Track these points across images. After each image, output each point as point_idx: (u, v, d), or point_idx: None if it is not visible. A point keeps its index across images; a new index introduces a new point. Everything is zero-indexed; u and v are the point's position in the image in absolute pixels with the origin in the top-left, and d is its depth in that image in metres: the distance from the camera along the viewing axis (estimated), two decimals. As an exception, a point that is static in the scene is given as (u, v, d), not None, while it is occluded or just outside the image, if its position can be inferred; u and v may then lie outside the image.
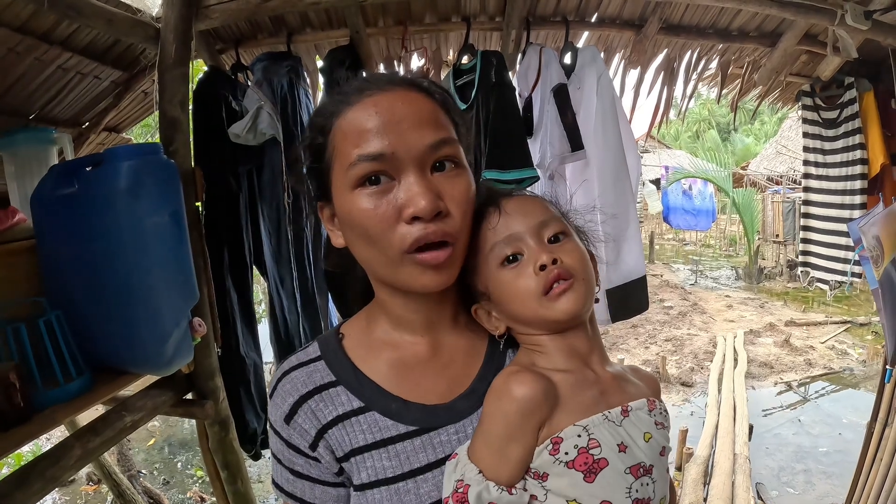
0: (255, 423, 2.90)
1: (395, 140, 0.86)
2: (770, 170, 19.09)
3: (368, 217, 0.87)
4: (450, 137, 0.91)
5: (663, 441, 0.95)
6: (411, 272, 0.90)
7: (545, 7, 2.95)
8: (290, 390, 1.00)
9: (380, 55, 3.15)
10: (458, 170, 0.92)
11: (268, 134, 2.63)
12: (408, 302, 1.00)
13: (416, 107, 0.89)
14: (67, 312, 1.96)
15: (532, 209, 0.98)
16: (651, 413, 0.95)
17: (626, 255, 2.85)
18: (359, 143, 0.87)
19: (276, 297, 2.94)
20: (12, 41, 2.40)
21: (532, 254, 0.94)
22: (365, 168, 0.86)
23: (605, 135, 2.77)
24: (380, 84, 0.91)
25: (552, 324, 0.95)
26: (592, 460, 0.86)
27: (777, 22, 3.12)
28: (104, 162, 1.98)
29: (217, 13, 2.41)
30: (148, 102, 3.47)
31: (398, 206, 0.87)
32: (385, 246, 0.88)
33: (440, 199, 0.87)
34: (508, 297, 0.96)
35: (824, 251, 3.88)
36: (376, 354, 1.03)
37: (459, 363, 1.04)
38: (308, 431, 0.97)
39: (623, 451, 0.88)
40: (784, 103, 4.16)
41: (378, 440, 0.96)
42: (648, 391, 1.00)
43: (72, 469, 1.96)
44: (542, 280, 0.92)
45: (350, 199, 0.89)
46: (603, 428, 0.88)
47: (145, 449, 7.45)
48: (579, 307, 0.93)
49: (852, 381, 8.43)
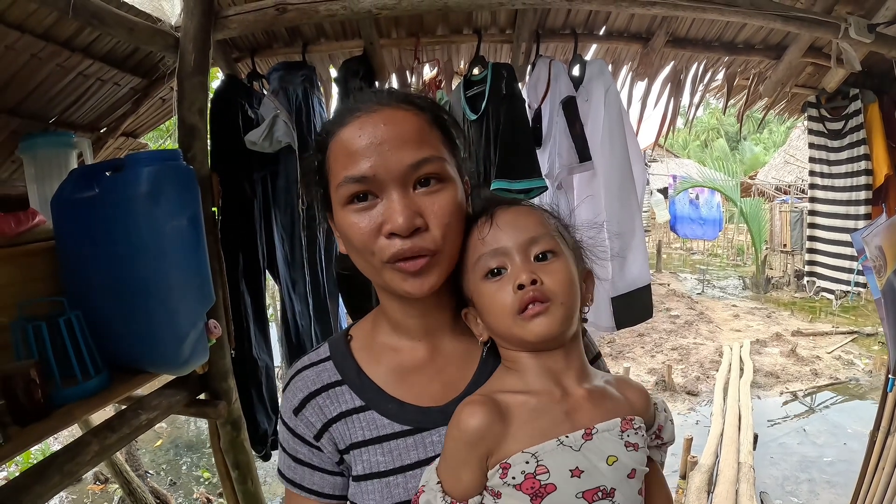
0: (266, 425, 2.94)
1: (377, 161, 0.92)
2: (778, 179, 19.00)
3: (355, 231, 0.95)
4: (433, 156, 0.95)
5: (632, 463, 0.94)
6: (395, 279, 0.96)
7: (554, 20, 3.00)
8: (301, 387, 1.09)
9: (392, 65, 3.20)
10: (440, 185, 0.96)
11: (283, 142, 2.66)
12: (405, 307, 1.06)
13: (399, 127, 0.94)
14: (86, 312, 2.00)
15: (525, 224, 1.00)
16: (623, 434, 0.95)
17: (631, 264, 2.90)
18: (346, 164, 0.94)
19: (287, 302, 2.97)
20: (35, 47, 2.46)
21: (514, 271, 0.96)
22: (351, 188, 0.94)
23: (612, 146, 2.83)
24: (368, 105, 0.97)
25: (524, 343, 0.97)
26: (539, 485, 0.88)
27: (782, 35, 3.17)
28: (125, 167, 2.02)
29: (235, 23, 2.46)
30: (165, 109, 3.53)
31: (379, 223, 0.94)
32: (369, 256, 0.96)
33: (419, 216, 0.93)
34: (487, 310, 0.99)
35: (830, 261, 3.91)
36: (378, 357, 1.10)
37: (455, 367, 1.09)
38: (314, 424, 1.07)
39: (577, 476, 0.89)
40: (790, 114, 4.19)
41: (375, 437, 1.04)
42: (628, 408, 1.00)
43: (88, 465, 1.98)
44: (517, 299, 0.94)
45: (342, 214, 0.97)
46: (555, 454, 0.90)
47: (152, 450, 7.49)
48: (552, 331, 0.94)
49: (858, 392, 8.40)
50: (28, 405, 1.75)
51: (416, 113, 0.98)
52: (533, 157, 2.62)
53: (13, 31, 2.31)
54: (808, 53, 3.21)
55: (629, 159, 2.86)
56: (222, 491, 2.92)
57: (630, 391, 1.04)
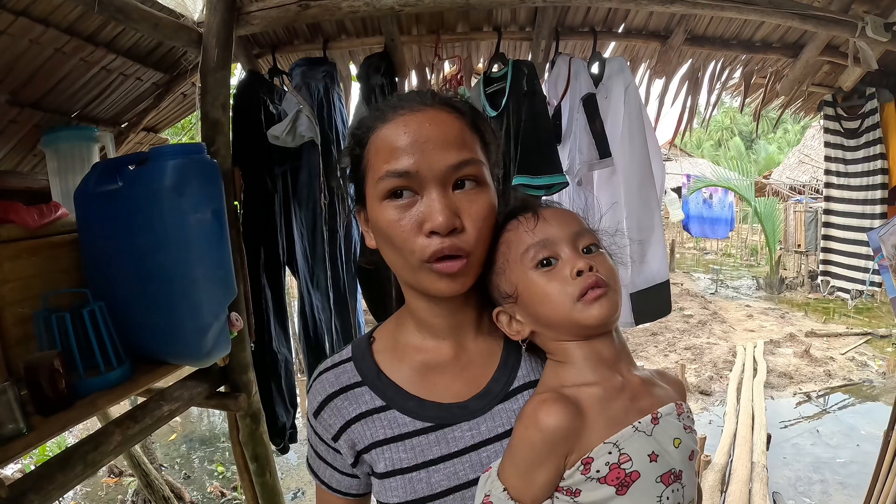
0: (285, 418, 2.96)
1: (420, 159, 0.93)
2: (792, 179, 18.89)
3: (393, 227, 0.95)
4: (473, 158, 0.97)
5: (692, 445, 0.96)
6: (429, 279, 0.97)
7: (574, 18, 3.01)
8: (320, 390, 1.12)
9: (413, 62, 3.22)
10: (478, 188, 0.98)
11: (306, 137, 2.68)
12: (432, 307, 1.07)
13: (442, 128, 0.96)
14: (109, 304, 2.02)
15: (568, 219, 1.02)
16: (679, 417, 0.97)
17: (650, 260, 2.90)
18: (388, 159, 0.94)
19: (306, 296, 2.99)
20: (60, 42, 2.48)
21: (568, 259, 0.96)
22: (392, 183, 0.94)
23: (632, 143, 2.83)
24: (412, 104, 0.98)
25: (583, 329, 0.96)
26: (624, 474, 0.88)
27: (799, 34, 3.17)
28: (150, 160, 2.04)
29: (258, 19, 2.47)
30: (186, 104, 3.55)
31: (419, 220, 0.94)
32: (406, 254, 0.96)
33: (457, 217, 0.94)
34: (540, 300, 0.98)
35: (845, 260, 3.90)
36: (401, 358, 1.11)
37: (477, 365, 1.10)
38: (332, 426, 1.10)
39: (654, 461, 0.90)
40: (806, 113, 4.18)
41: (396, 435, 1.05)
42: (675, 395, 1.02)
43: (111, 454, 2.01)
44: (578, 285, 0.94)
45: (379, 209, 0.97)
46: (633, 440, 0.90)
47: (166, 444, 7.56)
48: (611, 314, 0.95)
49: (872, 393, 8.35)
50: (51, 395, 1.77)
51: (458, 116, 0.99)
52: (554, 154, 2.62)
53: (38, 26, 2.32)
54: (824, 52, 3.21)
55: (649, 156, 2.87)
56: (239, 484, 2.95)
57: (669, 381, 1.06)
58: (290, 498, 6.05)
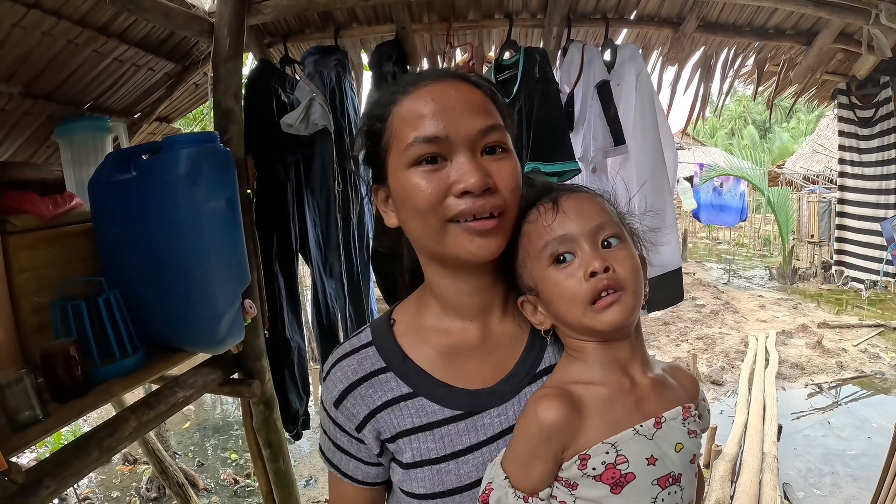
0: (298, 405, 2.98)
1: (449, 124, 0.92)
2: (806, 169, 18.74)
3: (421, 192, 0.93)
4: (498, 124, 0.96)
5: (694, 449, 0.97)
6: (459, 241, 0.94)
7: (585, 5, 2.99)
8: (342, 377, 1.08)
9: (424, 50, 3.22)
10: (505, 154, 0.97)
11: (319, 125, 2.69)
12: (460, 285, 1.04)
13: (467, 96, 0.96)
14: (124, 292, 2.03)
15: (589, 210, 0.97)
16: (685, 422, 0.96)
17: (663, 247, 2.89)
18: (416, 125, 0.93)
19: (319, 284, 3.01)
20: (72, 33, 2.49)
21: (584, 258, 0.93)
22: (421, 149, 0.93)
23: (644, 130, 2.83)
24: (434, 76, 0.98)
25: (595, 333, 0.95)
26: (619, 475, 0.89)
27: (813, 21, 3.14)
28: (163, 149, 2.05)
29: (269, 9, 2.48)
30: (198, 94, 3.56)
31: (449, 183, 0.92)
32: (431, 218, 0.94)
33: (489, 177, 0.93)
34: (555, 298, 0.96)
35: (859, 250, 3.88)
36: (425, 340, 1.08)
37: (504, 348, 1.08)
38: (356, 415, 1.06)
39: (652, 464, 0.91)
40: (820, 101, 4.16)
41: (425, 423, 1.03)
42: (685, 396, 1.01)
43: (126, 440, 2.03)
44: (590, 288, 0.92)
45: (405, 176, 0.95)
46: (632, 443, 0.91)
47: (180, 432, 7.61)
48: (624, 320, 0.92)
49: (884, 385, 8.30)
50: (67, 382, 1.79)
51: (478, 88, 0.99)
52: (567, 141, 2.62)
53: (50, 18, 2.33)
54: (838, 40, 3.18)
55: (661, 143, 2.86)
56: (252, 471, 2.97)
57: (683, 378, 1.05)
58: (302, 485, 6.06)
